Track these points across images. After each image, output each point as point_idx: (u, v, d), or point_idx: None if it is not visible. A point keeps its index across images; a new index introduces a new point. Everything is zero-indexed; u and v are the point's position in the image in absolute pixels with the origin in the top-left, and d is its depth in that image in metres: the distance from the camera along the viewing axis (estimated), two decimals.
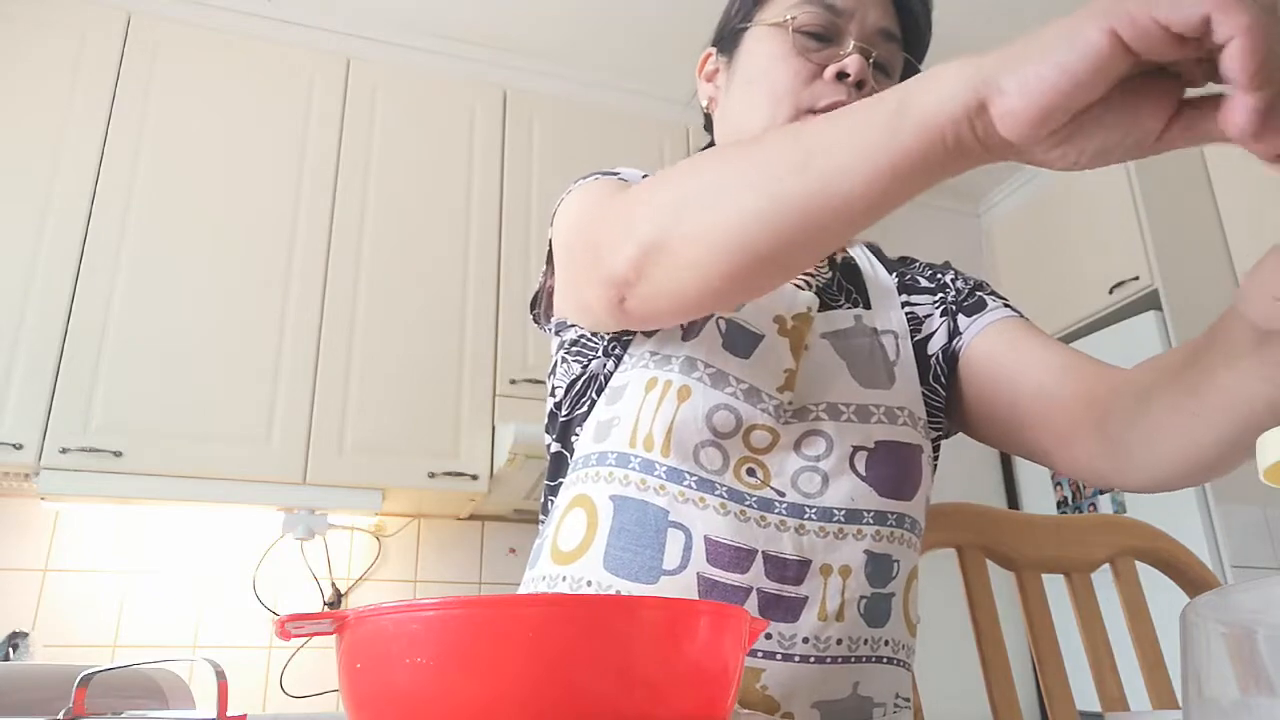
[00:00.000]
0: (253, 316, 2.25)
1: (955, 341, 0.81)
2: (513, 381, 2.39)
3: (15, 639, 2.06)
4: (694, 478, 0.70)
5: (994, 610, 0.89)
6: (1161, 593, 0.97)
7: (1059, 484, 2.96)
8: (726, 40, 0.85)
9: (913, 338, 0.81)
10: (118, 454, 2.04)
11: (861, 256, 0.88)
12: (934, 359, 0.81)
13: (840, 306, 0.80)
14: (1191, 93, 0.43)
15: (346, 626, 0.45)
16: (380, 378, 2.30)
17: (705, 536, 0.68)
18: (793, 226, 0.51)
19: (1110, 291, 2.97)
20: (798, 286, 0.78)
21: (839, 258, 0.86)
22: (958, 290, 0.84)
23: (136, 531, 2.30)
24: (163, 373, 2.13)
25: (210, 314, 2.21)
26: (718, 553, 0.68)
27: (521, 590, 0.78)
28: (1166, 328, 2.77)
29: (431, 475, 2.26)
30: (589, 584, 0.70)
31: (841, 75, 0.76)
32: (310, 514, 2.33)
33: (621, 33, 2.70)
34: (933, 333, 0.82)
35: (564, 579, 0.72)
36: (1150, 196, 2.94)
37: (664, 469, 0.70)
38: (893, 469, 0.72)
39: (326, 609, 2.00)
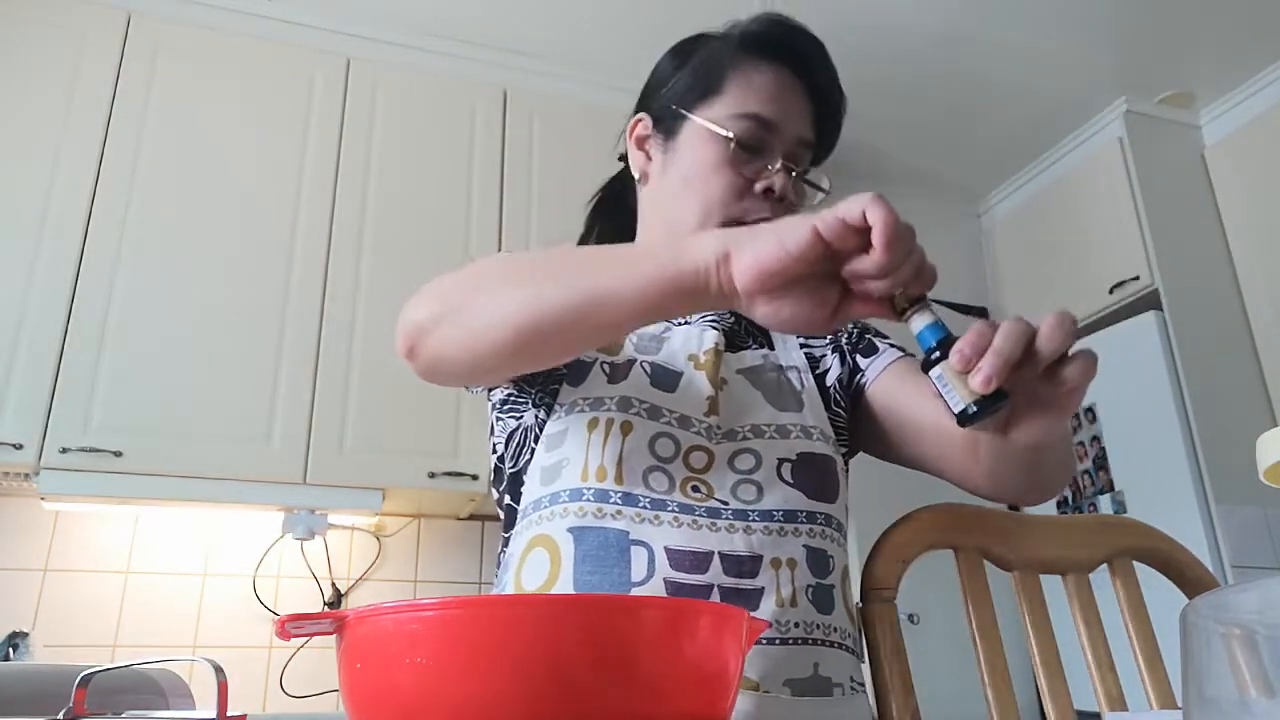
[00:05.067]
0: (253, 316, 2.25)
1: (858, 378, 0.92)
2: None
3: (15, 639, 2.06)
4: (647, 499, 0.77)
5: (992, 611, 0.88)
6: (1161, 593, 0.97)
7: None
8: (663, 119, 0.92)
9: (812, 371, 0.91)
10: (118, 454, 2.04)
11: None
12: (832, 389, 0.91)
13: (749, 348, 0.91)
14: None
15: (346, 626, 0.46)
16: (380, 378, 2.30)
17: (665, 547, 0.76)
18: (571, 320, 0.65)
19: (1110, 291, 2.97)
20: (702, 330, 0.88)
21: None
22: (849, 334, 0.96)
23: (136, 531, 2.30)
24: (163, 373, 2.13)
25: (210, 314, 2.21)
26: (679, 559, 0.75)
27: None
28: (1167, 328, 2.77)
29: (431, 475, 2.26)
30: None
31: (768, 191, 0.86)
32: (310, 514, 2.32)
33: (621, 33, 2.70)
34: (828, 369, 0.92)
35: None
36: (1150, 196, 2.94)
37: (619, 495, 0.77)
38: (815, 476, 0.82)
39: (326, 609, 2.00)
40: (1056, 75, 2.92)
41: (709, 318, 0.89)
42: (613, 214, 1.04)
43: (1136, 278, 2.90)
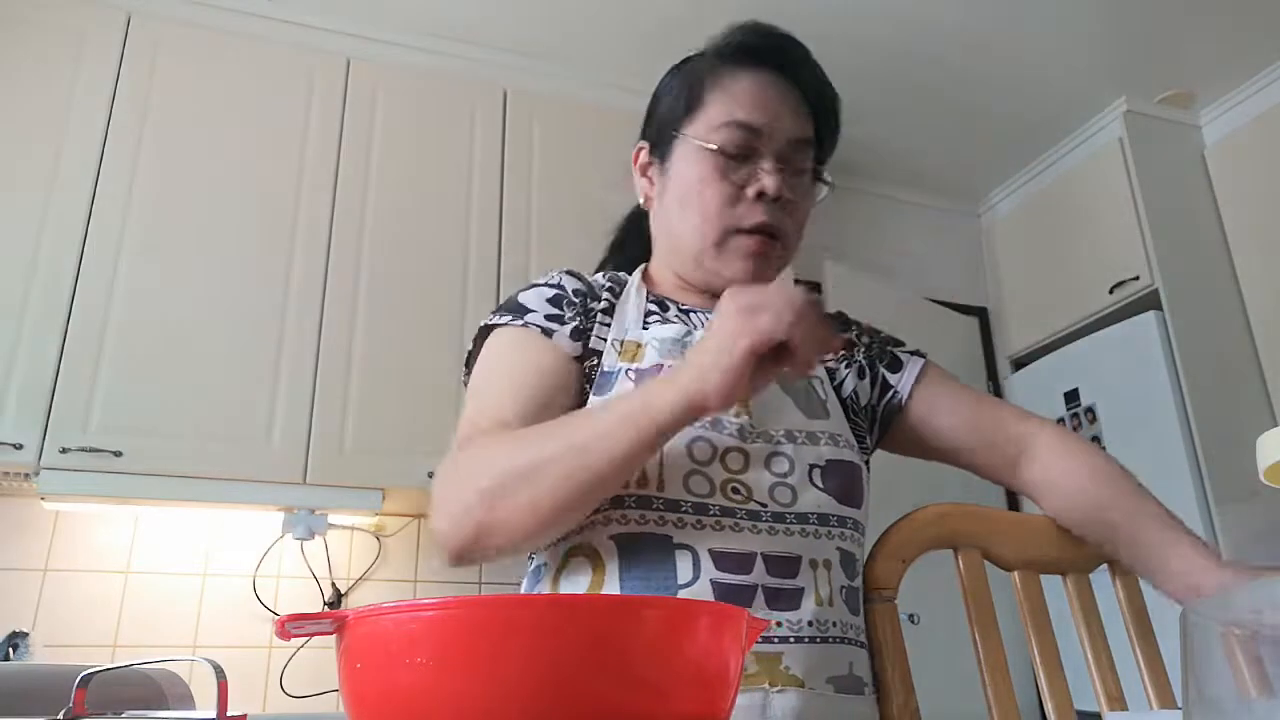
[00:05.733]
0: (253, 316, 2.24)
1: (891, 396, 0.96)
2: None
3: (15, 639, 2.06)
4: (689, 504, 0.79)
5: (992, 610, 0.88)
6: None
7: None
8: (658, 143, 0.94)
9: (831, 382, 0.95)
10: (118, 454, 2.04)
11: None
12: (849, 400, 0.94)
13: None
14: None
15: (346, 626, 0.46)
16: (380, 378, 2.30)
17: (709, 550, 0.77)
18: (582, 489, 0.71)
19: (1110, 291, 2.97)
20: None
21: None
22: (866, 346, 0.98)
23: (136, 531, 2.30)
24: (163, 373, 2.13)
25: (210, 314, 2.21)
26: (724, 561, 0.77)
27: None
28: (1167, 328, 2.78)
29: (431, 475, 2.24)
30: None
31: (760, 194, 0.87)
32: (310, 514, 2.32)
33: (621, 33, 2.70)
34: (843, 380, 0.96)
35: None
36: (1150, 196, 2.94)
37: (661, 502, 0.78)
38: (843, 481, 0.85)
39: (326, 609, 2.00)
40: (1056, 75, 2.92)
41: None
42: (629, 246, 1.05)
43: (1136, 278, 2.90)
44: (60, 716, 0.58)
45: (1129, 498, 0.86)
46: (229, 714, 0.54)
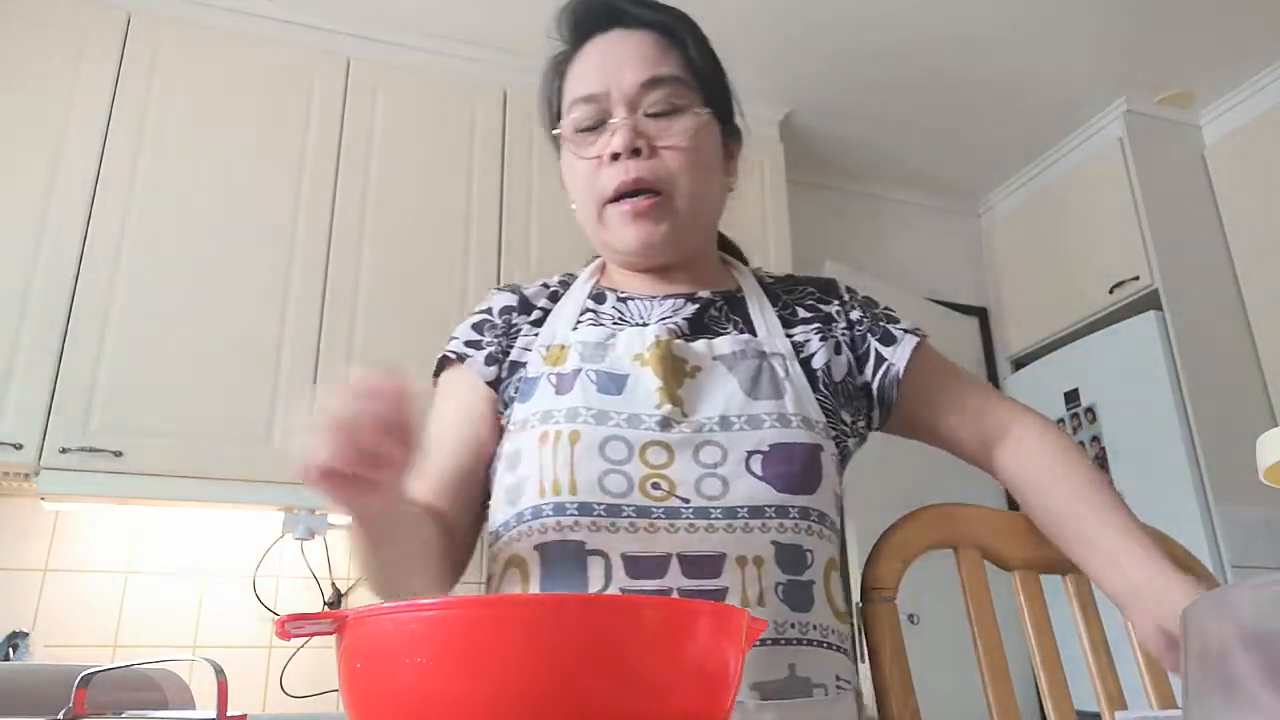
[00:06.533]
0: (253, 316, 2.25)
1: (886, 369, 0.90)
2: None
3: (15, 639, 2.06)
4: (602, 506, 0.76)
5: (992, 610, 0.88)
6: None
7: None
8: (557, 149, 0.95)
9: (797, 357, 0.88)
10: (118, 454, 2.04)
11: (751, 293, 0.94)
12: (820, 373, 0.87)
13: (728, 333, 0.88)
14: None
15: (346, 626, 0.46)
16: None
17: (622, 554, 0.75)
18: (399, 590, 0.78)
19: (1110, 291, 2.97)
20: (643, 331, 0.86)
21: (711, 291, 0.92)
22: (851, 321, 0.93)
23: (136, 531, 2.30)
24: (163, 373, 2.13)
25: (210, 313, 2.21)
26: (636, 565, 0.75)
27: None
28: (1166, 328, 2.78)
29: None
30: None
31: (614, 156, 0.84)
32: (310, 514, 2.32)
33: None
34: (814, 353, 0.89)
35: None
36: (1150, 196, 2.94)
37: (574, 506, 0.76)
38: (789, 467, 0.79)
39: (326, 609, 2.00)
40: (1056, 75, 2.92)
41: (665, 318, 0.87)
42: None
43: (1136, 278, 2.90)
44: (60, 716, 0.58)
45: (1084, 498, 0.83)
46: (229, 714, 0.54)
